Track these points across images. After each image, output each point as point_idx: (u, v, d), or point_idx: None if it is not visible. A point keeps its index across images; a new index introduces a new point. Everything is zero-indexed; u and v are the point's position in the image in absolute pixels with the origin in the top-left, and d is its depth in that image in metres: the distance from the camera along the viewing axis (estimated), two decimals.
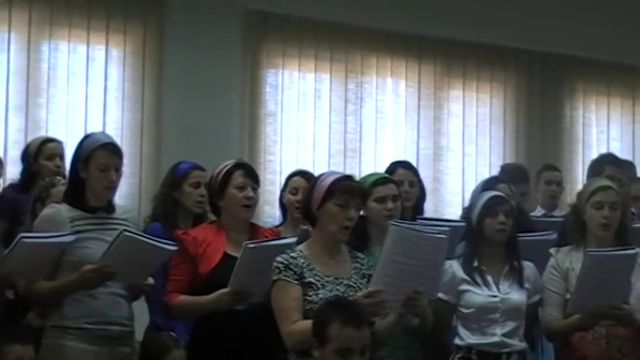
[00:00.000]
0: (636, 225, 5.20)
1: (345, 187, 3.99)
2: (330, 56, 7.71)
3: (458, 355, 4.51)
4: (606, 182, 4.80)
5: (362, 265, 4.08)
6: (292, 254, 3.94)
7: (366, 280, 3.98)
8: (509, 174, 5.96)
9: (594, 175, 5.80)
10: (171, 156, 6.04)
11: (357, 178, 4.60)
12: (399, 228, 3.92)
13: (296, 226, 5.29)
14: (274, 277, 3.90)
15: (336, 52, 7.73)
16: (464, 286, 4.54)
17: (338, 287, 3.93)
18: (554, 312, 4.54)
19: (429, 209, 7.16)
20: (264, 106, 7.46)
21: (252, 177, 4.54)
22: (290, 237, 4.45)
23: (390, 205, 4.52)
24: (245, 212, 4.49)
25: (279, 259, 3.92)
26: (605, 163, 6.42)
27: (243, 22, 7.43)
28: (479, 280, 4.55)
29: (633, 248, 4.39)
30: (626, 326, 4.43)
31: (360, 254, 4.14)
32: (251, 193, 4.48)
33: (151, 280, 4.47)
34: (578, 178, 8.38)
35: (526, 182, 6.35)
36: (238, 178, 4.47)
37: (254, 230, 4.55)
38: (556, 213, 6.61)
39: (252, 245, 4.18)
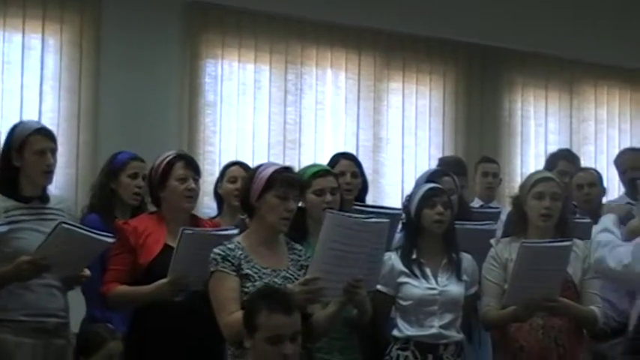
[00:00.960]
0: (578, 219, 5.26)
1: (285, 178, 3.97)
2: (269, 47, 7.67)
3: (396, 347, 4.52)
4: (547, 173, 4.84)
5: (300, 256, 4.07)
6: (230, 245, 3.91)
7: (303, 271, 3.97)
8: (448, 167, 5.98)
9: (548, 169, 5.84)
10: (109, 146, 5.96)
11: (297, 169, 4.60)
12: (334, 215, 3.92)
13: (234, 216, 5.26)
14: (212, 269, 3.87)
15: (276, 43, 7.69)
16: (402, 279, 4.55)
17: (275, 279, 3.91)
18: (491, 302, 4.56)
19: (369, 200, 7.14)
20: (203, 96, 7.40)
21: (194, 168, 4.51)
22: (231, 228, 4.42)
23: (328, 197, 4.52)
24: (187, 203, 4.46)
25: (216, 250, 3.89)
26: (559, 158, 6.48)
27: (182, 13, 7.36)
28: (417, 272, 4.57)
29: (569, 240, 4.41)
30: (562, 317, 4.46)
31: (297, 246, 4.13)
32: (192, 185, 4.45)
33: (87, 272, 4.42)
34: (517, 171, 8.46)
35: (464, 175, 6.38)
36: (179, 169, 4.44)
37: (195, 222, 4.51)
38: (493, 204, 6.67)
39: (189, 231, 4.16)
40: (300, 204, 4.25)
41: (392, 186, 7.94)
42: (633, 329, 4.29)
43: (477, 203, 6.72)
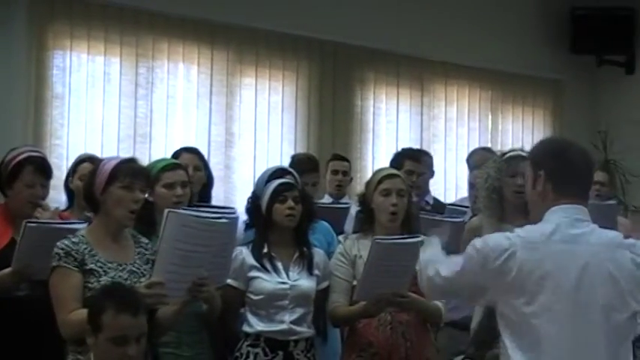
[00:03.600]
0: (424, 216, 5.33)
1: (129, 169, 3.92)
2: (120, 39, 7.51)
3: (246, 343, 4.51)
4: (393, 170, 4.88)
5: (146, 250, 4.01)
6: (74, 239, 3.83)
7: (150, 265, 3.91)
8: (300, 164, 5.99)
9: (396, 168, 5.88)
10: None
11: (147, 163, 4.54)
12: (178, 215, 3.87)
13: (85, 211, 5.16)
14: (54, 264, 3.78)
15: (127, 35, 7.54)
16: (253, 273, 4.55)
17: (121, 273, 3.84)
18: (340, 298, 4.59)
19: (220, 196, 7.16)
20: (50, 88, 7.19)
21: (43, 173, 4.48)
22: (77, 222, 4.33)
23: (178, 191, 4.48)
24: (31, 209, 4.41)
25: (59, 244, 3.80)
26: (405, 158, 6.56)
27: (27, 1, 7.14)
28: (268, 266, 4.57)
29: (418, 236, 4.46)
30: (409, 313, 4.51)
31: (143, 239, 4.07)
32: (39, 192, 4.43)
33: None
34: (369, 167, 8.52)
35: (316, 172, 6.41)
36: (28, 174, 4.43)
37: None
38: (344, 201, 6.72)
39: (32, 224, 4.10)
40: (149, 197, 4.22)
41: (244, 182, 7.89)
42: (477, 324, 4.38)
43: (327, 199, 6.76)
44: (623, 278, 3.15)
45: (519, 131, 9.68)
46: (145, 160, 5.11)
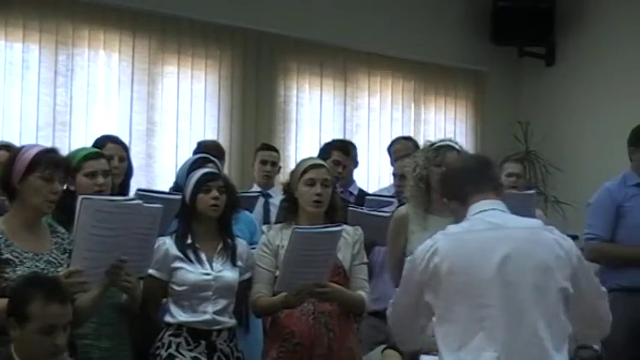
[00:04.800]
0: (353, 209, 5.35)
1: (50, 159, 3.85)
2: (39, 26, 7.40)
3: (168, 333, 4.46)
4: (318, 160, 4.87)
5: (63, 239, 3.96)
6: None
7: (67, 255, 3.87)
8: (207, 151, 5.94)
9: (323, 159, 5.88)
10: None
11: (67, 152, 4.48)
12: (91, 200, 3.83)
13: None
14: None
15: (46, 22, 7.42)
16: (177, 264, 4.50)
17: (38, 263, 3.79)
18: (263, 289, 4.56)
19: (141, 185, 7.02)
20: None
21: None
22: None
23: (100, 180, 4.42)
24: None
25: None
26: (334, 148, 6.56)
27: None
28: (192, 257, 4.52)
29: (338, 225, 4.45)
30: (331, 303, 4.50)
31: (60, 228, 4.02)
32: None
33: None
34: (292, 157, 8.50)
35: (221, 159, 6.38)
36: None
37: None
38: (272, 192, 6.70)
39: None
40: (70, 187, 4.19)
41: (165, 171, 7.84)
42: None
43: (256, 189, 6.75)
44: (549, 259, 3.22)
45: (442, 122, 9.75)
46: (64, 149, 5.04)
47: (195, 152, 5.91)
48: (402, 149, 6.69)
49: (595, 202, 5.89)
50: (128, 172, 5.27)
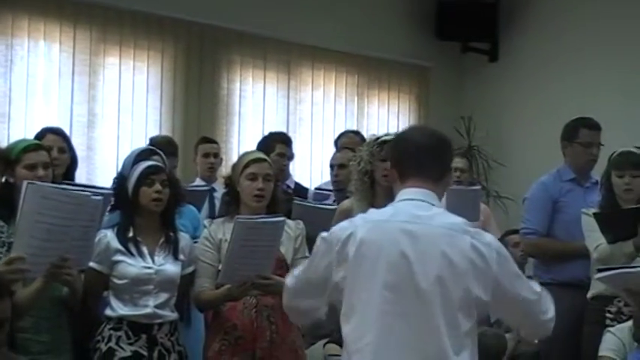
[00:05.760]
0: (298, 202, 5.34)
1: None
2: None
3: (108, 327, 4.43)
4: (260, 154, 4.85)
5: (2, 233, 3.92)
6: None
7: (5, 248, 3.83)
8: (159, 147, 5.90)
9: (265, 152, 5.86)
10: None
11: (5, 143, 4.41)
12: (38, 186, 3.79)
13: None
14: None
15: None
16: (118, 257, 4.46)
17: None
18: (205, 283, 4.55)
19: (82, 177, 7.00)
20: None
21: None
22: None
23: (40, 172, 4.37)
24: None
25: None
26: (276, 141, 6.54)
27: None
28: (133, 250, 4.48)
29: (280, 216, 4.46)
30: (274, 296, 4.49)
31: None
32: None
33: None
34: (234, 150, 8.48)
35: (175, 155, 6.35)
36: None
37: None
38: (216, 185, 6.68)
39: None
40: (9, 179, 4.17)
41: (107, 163, 7.78)
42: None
43: (199, 183, 6.72)
44: (461, 262, 3.13)
45: (385, 116, 9.78)
46: (3, 141, 4.98)
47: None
48: (349, 142, 6.70)
49: (531, 196, 5.93)
50: (72, 164, 5.23)
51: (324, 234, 3.32)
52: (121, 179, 4.69)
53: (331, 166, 6.54)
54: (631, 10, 8.89)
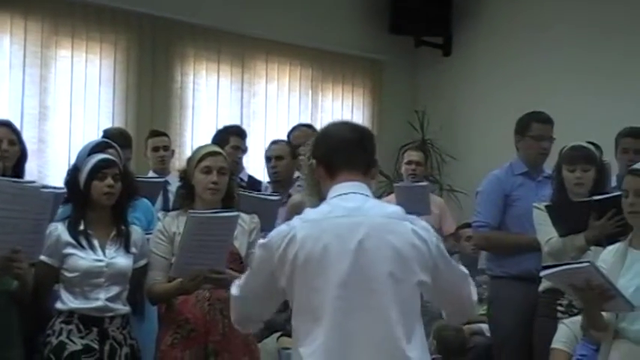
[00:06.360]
0: (244, 193, 5.33)
1: None
2: None
3: (59, 320, 4.41)
4: (215, 148, 4.84)
5: None
6: None
7: None
8: (112, 139, 5.87)
9: (220, 145, 5.84)
10: None
11: None
12: None
13: None
14: None
15: None
16: (69, 250, 4.44)
17: None
18: (158, 276, 4.54)
19: (34, 170, 6.96)
20: None
21: None
22: None
23: None
24: None
25: None
26: (231, 134, 6.52)
27: None
28: (84, 243, 4.46)
29: (233, 211, 4.45)
30: (227, 289, 4.48)
31: None
32: None
33: None
34: (188, 143, 8.45)
35: (129, 147, 6.31)
36: None
37: None
38: (169, 178, 6.66)
39: None
40: None
41: (58, 156, 7.72)
42: None
43: (152, 176, 6.70)
44: (405, 248, 3.15)
45: (339, 110, 9.79)
46: None
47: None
48: (301, 136, 6.69)
49: (484, 190, 5.96)
50: (22, 156, 5.20)
51: (262, 241, 3.30)
52: (74, 171, 4.65)
53: (268, 158, 6.54)
54: (582, 6, 8.97)
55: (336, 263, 3.11)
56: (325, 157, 3.31)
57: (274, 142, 6.82)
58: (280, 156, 6.50)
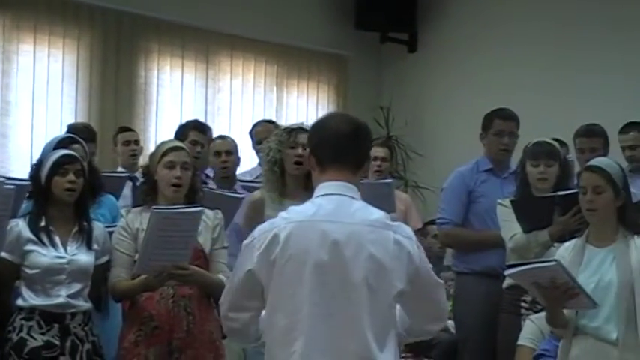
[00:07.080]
0: (209, 190, 5.30)
1: None
2: None
3: (20, 317, 4.38)
4: (178, 143, 4.83)
5: None
6: None
7: None
8: (77, 133, 5.82)
9: (181, 140, 5.80)
10: None
11: None
12: None
13: None
14: None
15: None
16: (30, 246, 4.42)
17: None
18: (121, 273, 4.51)
19: None
20: None
21: None
22: None
23: None
24: None
25: None
26: (190, 129, 6.50)
27: None
28: (46, 240, 4.44)
29: (197, 206, 4.43)
30: (192, 286, 4.46)
31: None
32: None
33: None
34: (152, 139, 8.40)
35: (94, 142, 6.26)
36: None
37: None
38: (138, 174, 6.60)
39: None
40: None
41: (20, 151, 7.66)
42: None
43: (122, 172, 6.65)
44: (386, 258, 3.11)
45: (304, 105, 9.77)
46: None
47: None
48: (263, 132, 6.67)
49: (448, 186, 5.98)
50: None
51: (246, 240, 3.23)
52: (38, 167, 4.61)
53: (217, 152, 6.50)
54: (546, 2, 9.01)
55: (314, 268, 3.08)
56: (317, 147, 3.26)
57: (221, 137, 6.78)
58: (229, 151, 6.49)
